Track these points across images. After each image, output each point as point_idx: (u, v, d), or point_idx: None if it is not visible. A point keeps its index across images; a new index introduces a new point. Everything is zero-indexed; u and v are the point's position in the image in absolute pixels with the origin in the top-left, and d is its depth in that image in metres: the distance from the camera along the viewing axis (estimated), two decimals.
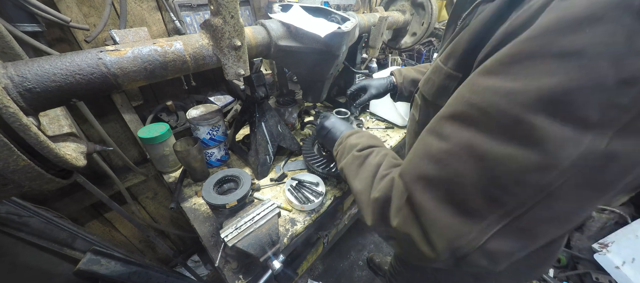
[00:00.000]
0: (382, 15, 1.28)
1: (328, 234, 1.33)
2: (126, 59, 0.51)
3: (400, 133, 1.30)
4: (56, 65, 0.44)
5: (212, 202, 0.65)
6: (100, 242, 0.98)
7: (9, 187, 0.38)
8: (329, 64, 0.91)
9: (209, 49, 0.62)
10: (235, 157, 1.12)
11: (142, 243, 1.47)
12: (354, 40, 0.99)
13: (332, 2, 1.49)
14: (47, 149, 0.39)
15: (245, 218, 0.67)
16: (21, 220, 0.78)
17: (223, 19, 0.58)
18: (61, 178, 0.44)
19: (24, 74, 0.41)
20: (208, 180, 0.72)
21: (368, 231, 2.09)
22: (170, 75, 0.59)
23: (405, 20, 1.63)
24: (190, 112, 0.95)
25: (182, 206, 0.87)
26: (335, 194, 0.94)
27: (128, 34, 0.84)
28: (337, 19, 0.95)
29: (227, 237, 0.63)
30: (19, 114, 0.35)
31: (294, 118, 1.28)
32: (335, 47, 0.83)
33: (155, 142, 0.91)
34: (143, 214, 1.37)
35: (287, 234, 0.80)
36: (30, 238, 0.79)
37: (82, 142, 0.54)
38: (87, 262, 0.85)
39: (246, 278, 0.70)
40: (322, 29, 0.75)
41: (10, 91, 0.39)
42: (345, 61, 1.29)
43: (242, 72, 0.67)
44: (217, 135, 0.97)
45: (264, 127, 0.96)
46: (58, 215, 0.91)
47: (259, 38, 0.73)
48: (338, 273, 1.79)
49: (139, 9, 0.97)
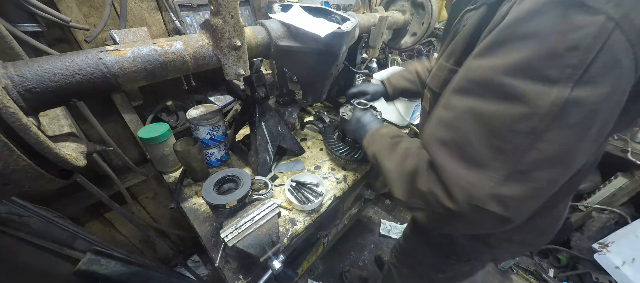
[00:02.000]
0: (382, 15, 1.28)
1: (328, 234, 1.33)
2: (126, 59, 0.51)
3: None
4: (56, 65, 0.44)
5: (212, 202, 0.65)
6: (100, 242, 0.98)
7: (9, 187, 0.38)
8: (329, 64, 0.91)
9: (209, 49, 0.62)
10: (235, 157, 1.12)
11: (142, 243, 1.47)
12: (354, 40, 0.99)
13: (332, 2, 1.49)
14: (47, 149, 0.39)
15: (245, 218, 0.67)
16: (21, 220, 0.78)
17: (223, 19, 0.58)
18: (61, 178, 0.44)
19: (24, 74, 0.41)
20: (208, 180, 0.71)
21: (368, 231, 2.09)
22: (170, 75, 0.59)
23: (405, 20, 1.63)
24: (190, 112, 0.95)
25: (182, 206, 0.87)
26: (335, 194, 0.95)
27: (128, 34, 0.84)
28: (337, 19, 0.95)
29: (227, 237, 0.63)
30: (19, 114, 0.35)
31: (294, 118, 1.28)
32: (335, 47, 0.83)
33: (155, 142, 0.91)
34: (143, 214, 1.37)
35: (287, 234, 0.80)
36: (30, 238, 0.79)
37: (82, 142, 0.54)
38: (87, 262, 0.85)
39: (246, 278, 0.70)
40: (322, 29, 0.75)
41: (10, 91, 0.39)
42: (345, 61, 1.29)
43: (242, 72, 0.67)
44: (217, 135, 0.97)
45: (264, 127, 0.96)
46: (58, 215, 0.91)
47: (259, 38, 0.73)
48: (338, 273, 1.79)
49: (139, 9, 0.97)
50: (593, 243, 1.51)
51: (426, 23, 1.64)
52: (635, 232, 1.37)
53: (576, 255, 1.63)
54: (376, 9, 1.57)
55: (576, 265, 1.67)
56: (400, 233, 2.06)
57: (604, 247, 1.45)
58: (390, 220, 2.18)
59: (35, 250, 0.81)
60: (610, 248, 1.41)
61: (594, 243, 1.50)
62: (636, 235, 1.36)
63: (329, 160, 1.10)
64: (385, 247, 1.98)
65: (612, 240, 1.44)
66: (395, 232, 2.07)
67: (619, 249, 1.39)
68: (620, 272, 1.35)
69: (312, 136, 1.28)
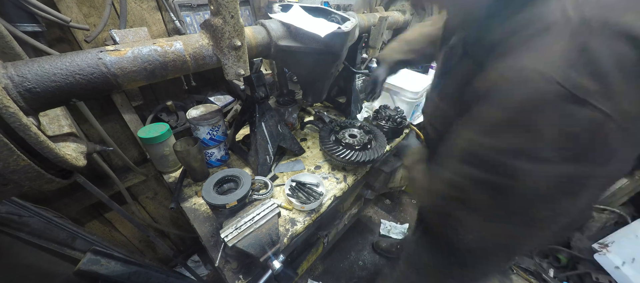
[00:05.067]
0: (382, 15, 1.28)
1: (328, 234, 1.33)
2: (126, 59, 0.51)
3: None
4: (56, 65, 0.44)
5: (212, 202, 0.65)
6: (100, 242, 0.98)
7: (9, 187, 0.38)
8: (329, 64, 0.91)
9: (209, 49, 0.62)
10: (235, 157, 1.12)
11: (142, 243, 1.47)
12: (354, 40, 0.99)
13: (332, 2, 1.49)
14: (47, 149, 0.39)
15: (245, 218, 0.67)
16: (21, 220, 0.78)
17: (223, 19, 0.58)
18: (61, 178, 0.44)
19: (24, 74, 0.41)
20: (208, 180, 0.71)
21: (368, 231, 2.09)
22: (170, 75, 0.59)
23: (405, 20, 1.63)
24: (190, 112, 0.95)
25: (182, 206, 0.87)
26: (335, 194, 0.95)
27: (128, 34, 0.84)
28: (337, 19, 0.95)
29: (227, 237, 0.63)
30: (19, 114, 0.35)
31: (294, 118, 1.28)
32: (335, 47, 0.83)
33: (155, 142, 0.91)
34: (143, 214, 1.37)
35: (287, 234, 0.80)
36: (30, 238, 0.79)
37: (82, 142, 0.54)
38: (87, 262, 0.85)
39: (246, 278, 0.70)
40: (322, 29, 0.75)
41: (10, 91, 0.39)
42: (345, 61, 1.29)
43: (242, 72, 0.67)
44: (217, 135, 0.97)
45: (264, 127, 0.96)
46: (58, 215, 0.91)
47: (259, 38, 0.73)
48: (338, 273, 1.79)
49: (139, 9, 0.97)
50: (593, 243, 1.51)
51: None
52: (635, 232, 1.37)
53: (576, 255, 1.63)
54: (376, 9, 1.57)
55: (576, 265, 1.67)
56: (400, 233, 2.06)
57: (604, 247, 1.45)
58: (390, 220, 2.18)
59: (35, 250, 0.81)
60: (610, 248, 1.42)
61: (594, 243, 1.50)
62: (636, 235, 1.36)
63: (328, 160, 1.10)
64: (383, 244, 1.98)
65: (612, 240, 1.44)
66: (395, 232, 2.07)
67: (619, 249, 1.39)
68: (620, 272, 1.35)
69: (312, 136, 1.28)
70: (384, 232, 2.07)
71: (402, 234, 2.05)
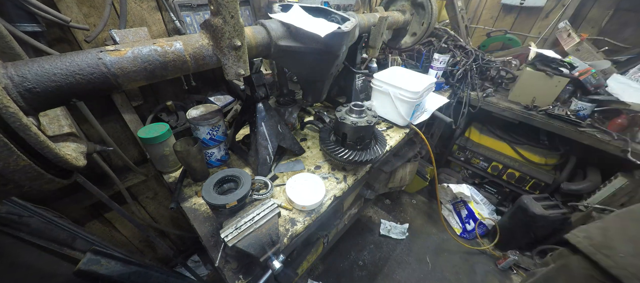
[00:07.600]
0: (382, 15, 1.28)
1: (328, 234, 1.33)
2: (126, 59, 0.51)
3: (400, 133, 1.30)
4: (56, 65, 0.44)
5: (212, 202, 0.65)
6: (100, 242, 0.98)
7: (9, 187, 0.38)
8: (329, 64, 0.91)
9: (209, 49, 0.62)
10: (235, 157, 1.12)
11: (142, 243, 1.47)
12: (354, 40, 0.99)
13: (332, 2, 1.49)
14: (47, 149, 0.39)
15: (245, 218, 0.67)
16: (21, 220, 0.78)
17: (223, 19, 0.58)
18: (61, 178, 0.44)
19: (24, 74, 0.41)
20: (208, 180, 0.71)
21: (368, 231, 2.09)
22: (170, 75, 0.59)
23: (405, 20, 1.63)
24: (190, 112, 0.95)
25: (182, 206, 0.87)
26: (335, 194, 0.95)
27: (128, 34, 0.84)
28: (337, 19, 0.95)
29: (227, 237, 0.63)
30: (19, 114, 0.35)
31: (294, 118, 1.28)
32: (335, 47, 0.83)
33: (155, 142, 0.91)
34: (143, 214, 1.37)
35: (287, 234, 0.80)
36: (30, 238, 0.79)
37: (82, 142, 0.54)
38: (87, 262, 0.85)
39: (246, 278, 0.70)
40: (322, 29, 0.75)
41: (10, 91, 0.39)
42: (345, 61, 1.29)
43: (242, 72, 0.67)
44: (217, 135, 0.97)
45: (264, 127, 0.96)
46: (58, 215, 0.92)
47: (259, 38, 0.73)
48: (338, 273, 1.79)
49: (139, 9, 0.97)
50: None
51: (426, 23, 1.64)
52: None
53: None
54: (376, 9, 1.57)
55: None
56: (400, 233, 2.06)
57: None
58: (390, 220, 2.18)
59: (35, 250, 0.81)
60: None
61: None
62: None
63: (328, 161, 1.10)
64: (385, 247, 1.98)
65: None
66: (395, 232, 2.07)
67: None
68: None
69: (312, 136, 1.27)
70: (384, 232, 2.07)
71: (402, 234, 2.05)
